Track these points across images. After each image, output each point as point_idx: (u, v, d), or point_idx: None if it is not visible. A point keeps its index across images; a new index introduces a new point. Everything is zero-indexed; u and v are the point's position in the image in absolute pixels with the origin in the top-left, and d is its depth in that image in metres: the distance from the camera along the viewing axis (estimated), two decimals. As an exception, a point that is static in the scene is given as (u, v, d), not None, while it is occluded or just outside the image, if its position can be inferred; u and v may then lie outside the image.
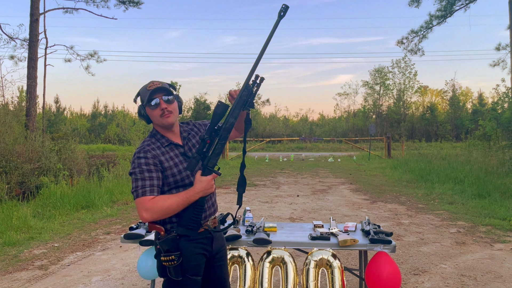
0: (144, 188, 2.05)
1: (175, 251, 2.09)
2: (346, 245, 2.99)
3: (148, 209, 2.03)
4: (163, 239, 2.09)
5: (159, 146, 2.17)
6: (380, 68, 38.40)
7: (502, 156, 12.89)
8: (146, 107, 2.17)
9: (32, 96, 13.03)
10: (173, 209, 2.06)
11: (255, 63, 2.11)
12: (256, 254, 4.09)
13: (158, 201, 2.05)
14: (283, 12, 2.05)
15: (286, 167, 17.74)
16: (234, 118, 2.10)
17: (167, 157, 2.15)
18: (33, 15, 13.28)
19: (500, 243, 5.61)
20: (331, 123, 42.53)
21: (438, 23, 20.06)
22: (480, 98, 39.92)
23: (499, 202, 8.07)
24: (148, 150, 2.12)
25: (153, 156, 2.10)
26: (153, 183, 2.07)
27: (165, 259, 2.08)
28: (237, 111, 2.11)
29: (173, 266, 2.08)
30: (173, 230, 2.12)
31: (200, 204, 2.11)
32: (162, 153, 2.15)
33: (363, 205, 8.54)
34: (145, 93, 2.15)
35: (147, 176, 2.07)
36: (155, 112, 2.15)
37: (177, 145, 2.22)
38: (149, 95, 2.13)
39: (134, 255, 5.22)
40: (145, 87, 2.16)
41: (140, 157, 2.10)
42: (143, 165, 2.08)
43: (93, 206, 8.25)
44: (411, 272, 4.53)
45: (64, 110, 42.89)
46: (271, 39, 2.09)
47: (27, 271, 4.74)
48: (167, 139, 2.21)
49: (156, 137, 2.21)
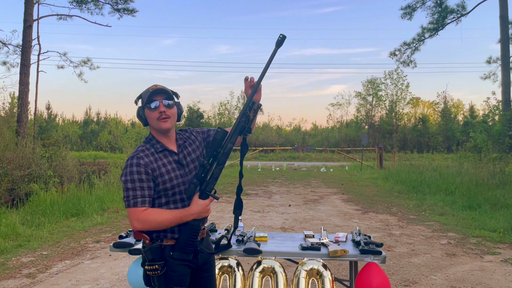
0: (136, 199, 2.05)
1: (159, 261, 2.08)
2: (337, 256, 2.98)
3: (140, 220, 2.04)
4: (148, 248, 2.09)
5: (153, 153, 2.15)
6: (372, 79, 38.66)
7: (492, 168, 12.97)
8: (145, 109, 2.16)
9: (24, 102, 12.96)
10: (165, 225, 2.07)
11: (253, 90, 2.16)
12: (247, 264, 4.07)
13: (151, 215, 2.05)
14: (280, 42, 2.12)
15: (278, 176, 17.73)
16: (232, 143, 2.13)
17: (159, 164, 2.13)
18: (26, 21, 13.25)
19: (490, 255, 5.63)
20: (324, 133, 42.64)
21: (430, 36, 20.32)
22: (471, 110, 40.29)
23: (489, 214, 8.11)
24: (141, 157, 2.10)
25: (146, 164, 2.09)
26: (144, 194, 2.07)
27: (149, 268, 2.07)
28: (235, 136, 2.14)
29: (156, 276, 2.07)
30: (159, 239, 2.11)
31: (196, 229, 2.12)
32: (155, 159, 2.13)
33: (354, 216, 8.55)
34: (146, 94, 2.15)
35: (138, 186, 2.06)
36: (153, 114, 2.14)
37: (172, 152, 2.21)
38: (149, 96, 2.13)
39: (124, 264, 5.17)
40: (148, 89, 2.17)
41: (133, 165, 2.08)
42: (135, 173, 2.07)
43: (83, 214, 8.17)
44: (402, 283, 4.53)
45: (56, 117, 42.66)
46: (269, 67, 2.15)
47: (15, 279, 4.67)
48: (161, 145, 2.19)
49: (151, 143, 2.20)
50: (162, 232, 2.13)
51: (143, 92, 2.19)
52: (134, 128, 37.07)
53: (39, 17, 14.43)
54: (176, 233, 2.14)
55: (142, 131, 23.14)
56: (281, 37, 2.12)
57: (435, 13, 19.59)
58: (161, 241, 2.11)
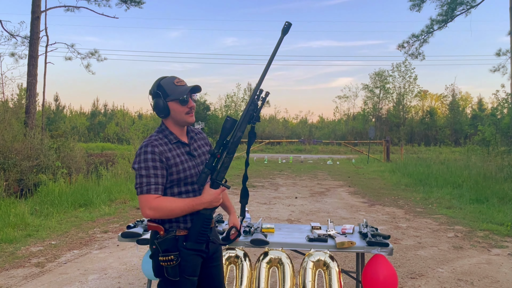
0: (149, 186, 2.05)
1: (173, 251, 2.09)
2: (344, 247, 2.98)
3: (152, 208, 2.04)
4: (162, 239, 2.10)
5: (167, 142, 2.16)
6: (380, 71, 38.46)
7: (500, 161, 12.90)
8: (170, 101, 2.15)
9: (32, 93, 13.03)
10: (176, 213, 2.08)
11: (260, 78, 2.14)
12: (254, 255, 4.09)
13: (164, 202, 2.06)
14: (286, 29, 2.12)
15: (284, 169, 17.74)
16: (242, 132, 2.13)
17: (174, 154, 2.15)
18: (34, 12, 13.28)
19: (497, 248, 5.61)
20: (331, 125, 42.53)
21: (439, 28, 20.10)
22: (480, 103, 39.97)
23: (497, 207, 8.07)
24: (156, 145, 2.10)
25: (160, 152, 2.09)
26: (158, 181, 2.07)
27: (163, 259, 2.07)
28: (244, 125, 2.14)
29: (171, 266, 2.08)
30: (173, 230, 2.12)
31: (208, 218, 2.14)
32: (169, 149, 2.14)
33: (361, 208, 8.54)
34: (172, 87, 2.14)
35: (153, 174, 2.06)
36: (182, 108, 2.15)
37: (184, 143, 2.23)
38: (178, 90, 2.14)
39: (131, 254, 5.21)
40: (171, 82, 2.16)
41: (147, 152, 2.08)
42: (150, 161, 2.07)
43: (91, 204, 8.24)
44: (408, 276, 4.53)
45: (64, 108, 42.88)
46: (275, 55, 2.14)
47: (24, 268, 4.73)
48: (175, 136, 2.21)
49: (164, 133, 2.20)
50: (175, 222, 2.14)
51: (163, 83, 2.16)
52: (141, 120, 37.23)
53: (47, 9, 14.47)
54: (189, 223, 2.16)
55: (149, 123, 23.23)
56: (287, 25, 2.11)
57: (444, 5, 19.36)
58: (175, 232, 2.12)
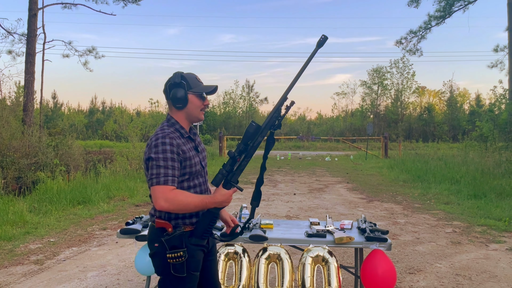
0: (167, 177, 2.03)
1: (181, 247, 2.09)
2: (342, 243, 2.99)
3: (168, 200, 2.01)
4: (170, 236, 2.09)
5: (179, 136, 2.17)
6: (378, 68, 38.45)
7: (498, 157, 12.93)
8: (191, 94, 2.19)
9: (30, 91, 12.98)
10: (190, 209, 2.07)
11: (289, 87, 2.15)
12: (252, 251, 4.10)
13: (180, 195, 2.05)
14: (322, 43, 2.14)
15: (283, 165, 17.75)
16: (262, 137, 2.17)
17: (187, 147, 2.17)
18: (31, 10, 13.21)
19: (495, 243, 5.63)
20: (329, 122, 42.55)
21: (437, 24, 20.13)
22: (478, 99, 40.05)
23: (494, 203, 8.10)
24: (174, 138, 2.10)
25: (178, 145, 2.09)
26: (174, 173, 2.06)
27: (172, 255, 2.07)
28: (266, 131, 2.17)
29: (179, 263, 2.08)
30: (179, 226, 2.13)
31: (216, 216, 2.15)
32: (183, 143, 2.15)
33: (359, 204, 8.56)
34: (195, 82, 2.21)
35: (171, 165, 2.05)
36: (200, 102, 2.22)
37: (191, 138, 2.26)
38: (203, 86, 2.22)
39: (130, 251, 5.22)
40: (194, 77, 2.23)
41: (166, 143, 2.06)
42: (169, 152, 2.05)
43: (90, 202, 8.23)
44: (406, 271, 4.55)
45: (62, 106, 42.86)
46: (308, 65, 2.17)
47: (23, 265, 4.73)
48: (185, 131, 2.22)
49: (175, 127, 2.21)
50: (181, 219, 2.15)
51: (187, 76, 2.21)
52: (139, 117, 37.14)
53: (44, 6, 14.38)
54: (194, 218, 2.17)
55: (147, 120, 23.15)
56: (323, 38, 2.13)
57: (442, 1, 19.37)
58: (182, 228, 2.13)
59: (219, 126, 36.49)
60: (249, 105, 41.61)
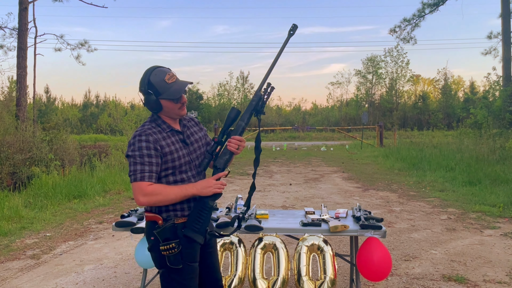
0: (144, 173, 2.06)
1: (174, 239, 2.10)
2: (337, 231, 3.01)
3: (146, 194, 2.04)
4: (161, 229, 2.10)
5: (160, 131, 2.17)
6: (372, 57, 38.43)
7: (492, 144, 12.98)
8: (163, 99, 2.14)
9: (22, 86, 12.87)
10: (170, 199, 2.08)
11: (267, 73, 2.23)
12: (248, 242, 4.11)
13: (157, 188, 2.07)
14: (293, 31, 2.25)
15: (279, 156, 17.77)
16: (244, 122, 2.22)
17: (168, 142, 2.16)
18: (22, 3, 13.06)
19: (490, 229, 5.68)
20: (324, 112, 42.58)
21: (430, 11, 20.10)
22: (472, 86, 40.16)
23: (489, 189, 8.15)
24: (150, 133, 2.11)
25: (155, 141, 2.10)
26: (152, 169, 2.08)
27: (164, 248, 2.08)
28: (246, 115, 2.23)
29: (173, 255, 2.09)
30: (170, 218, 2.14)
31: (207, 205, 2.15)
32: (163, 137, 2.16)
33: (355, 193, 8.59)
34: (164, 86, 2.12)
35: (147, 161, 2.07)
36: (175, 105, 2.17)
37: (177, 131, 2.24)
38: (173, 89, 2.13)
39: (127, 244, 5.22)
40: (162, 79, 2.12)
41: (142, 140, 2.08)
42: (144, 149, 2.07)
43: (85, 196, 8.22)
44: (402, 258, 4.58)
45: (55, 100, 42.58)
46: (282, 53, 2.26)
47: (19, 260, 4.73)
48: (168, 125, 2.22)
49: (156, 122, 2.21)
50: (172, 211, 2.15)
51: (153, 81, 2.12)
52: (134, 110, 36.99)
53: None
54: (186, 210, 2.18)
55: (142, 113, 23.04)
56: (293, 27, 2.24)
57: (436, -12, 19.33)
58: (173, 220, 2.14)
59: (214, 118, 36.41)
60: (244, 96, 41.52)
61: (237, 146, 2.20)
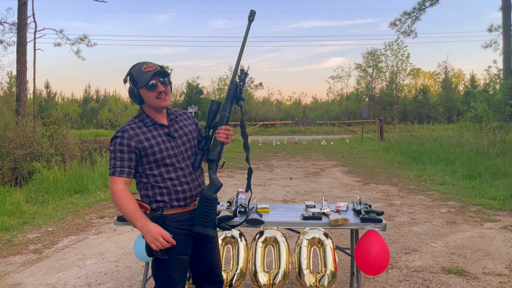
0: (115, 168, 2.15)
1: None
2: (338, 224, 3.02)
3: (112, 191, 2.14)
4: (149, 218, 2.14)
5: (141, 126, 2.21)
6: (373, 50, 38.33)
7: (493, 137, 13.00)
8: (140, 89, 2.18)
9: (22, 81, 12.85)
10: (122, 212, 2.13)
11: (237, 61, 2.29)
12: (249, 235, 4.13)
13: (121, 195, 2.11)
14: (252, 17, 2.31)
15: (279, 150, 17.78)
16: (227, 111, 2.26)
17: (148, 136, 2.19)
18: (21, -2, 13.02)
19: (490, 222, 5.70)
20: (324, 106, 42.54)
21: (431, 4, 20.03)
22: (472, 80, 40.11)
23: (489, 182, 8.17)
24: (126, 129, 2.18)
25: (129, 137, 2.15)
26: (123, 164, 2.15)
27: None
28: (227, 104, 2.27)
29: None
30: (159, 209, 2.18)
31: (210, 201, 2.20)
32: (142, 132, 2.19)
33: (355, 187, 8.61)
34: (140, 75, 2.16)
35: (119, 157, 2.15)
36: (151, 94, 2.17)
37: (162, 125, 2.26)
38: (145, 76, 2.15)
39: (128, 238, 5.25)
40: (139, 68, 2.17)
41: (117, 137, 2.17)
42: (117, 145, 2.16)
43: (86, 190, 8.25)
44: (402, 251, 4.60)
45: (55, 95, 42.53)
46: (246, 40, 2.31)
47: (22, 255, 4.75)
48: (151, 119, 2.24)
49: (140, 117, 2.26)
50: (162, 202, 2.19)
51: (133, 71, 2.19)
52: (134, 105, 36.99)
53: (34, -6, 14.18)
54: (182, 201, 2.21)
55: (142, 108, 23.04)
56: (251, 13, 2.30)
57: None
58: (162, 211, 2.18)
59: (215, 112, 36.30)
60: (244, 90, 41.48)
61: (226, 135, 2.25)
